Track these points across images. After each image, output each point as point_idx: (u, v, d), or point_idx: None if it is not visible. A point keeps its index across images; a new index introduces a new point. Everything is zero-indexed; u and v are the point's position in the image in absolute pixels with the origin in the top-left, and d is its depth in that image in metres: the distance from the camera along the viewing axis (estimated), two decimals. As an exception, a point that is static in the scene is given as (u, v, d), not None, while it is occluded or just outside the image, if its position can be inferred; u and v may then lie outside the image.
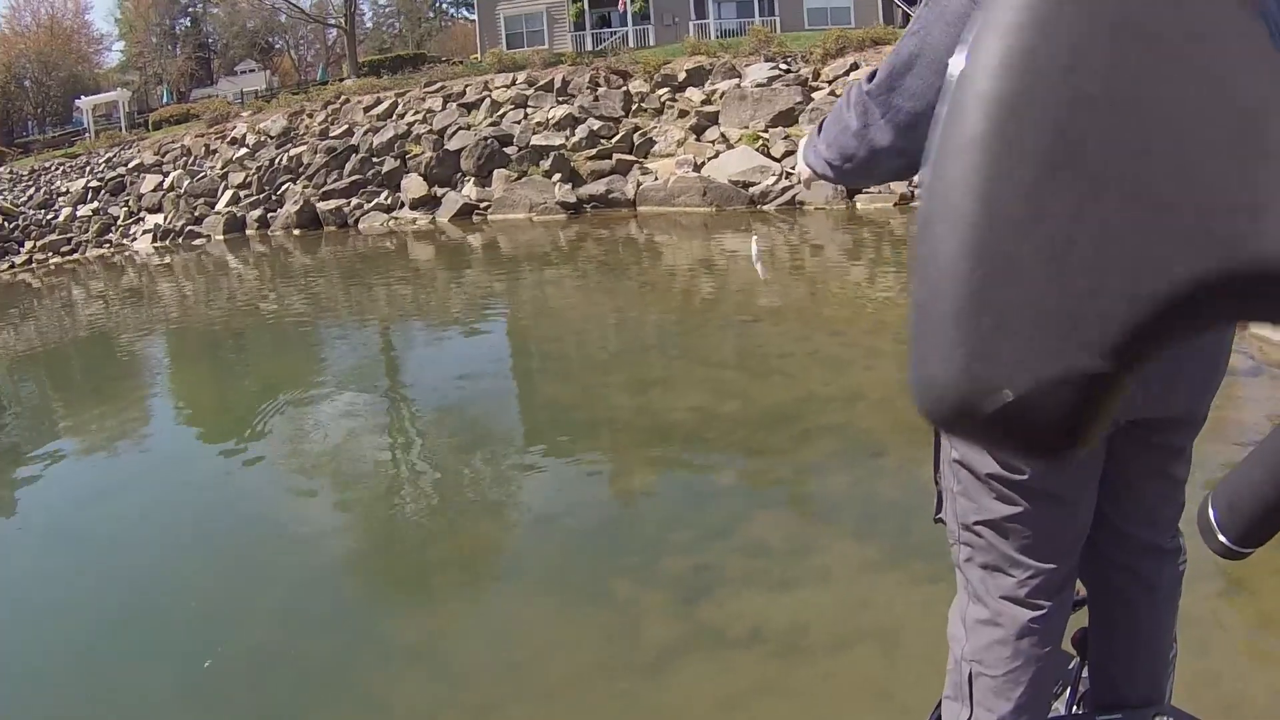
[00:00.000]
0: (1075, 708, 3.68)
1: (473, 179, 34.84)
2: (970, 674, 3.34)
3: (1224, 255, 0.45)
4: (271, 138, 43.38)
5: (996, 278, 0.46)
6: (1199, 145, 0.46)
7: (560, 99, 37.36)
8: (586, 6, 58.47)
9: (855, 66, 33.71)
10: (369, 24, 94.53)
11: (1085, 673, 3.71)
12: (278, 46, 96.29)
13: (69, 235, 42.33)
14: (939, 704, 3.70)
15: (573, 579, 8.25)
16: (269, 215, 38.70)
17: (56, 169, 50.52)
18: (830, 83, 34.43)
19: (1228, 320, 0.49)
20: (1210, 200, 0.45)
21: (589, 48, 53.43)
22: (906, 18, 42.54)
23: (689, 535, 8.63)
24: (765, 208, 28.10)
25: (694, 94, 35.39)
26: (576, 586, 8.08)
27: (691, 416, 11.77)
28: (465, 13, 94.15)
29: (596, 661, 6.98)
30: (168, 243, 39.74)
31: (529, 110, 37.22)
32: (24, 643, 8.41)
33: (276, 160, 41.02)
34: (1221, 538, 1.47)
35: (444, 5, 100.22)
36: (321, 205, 37.00)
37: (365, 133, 39.58)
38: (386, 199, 36.24)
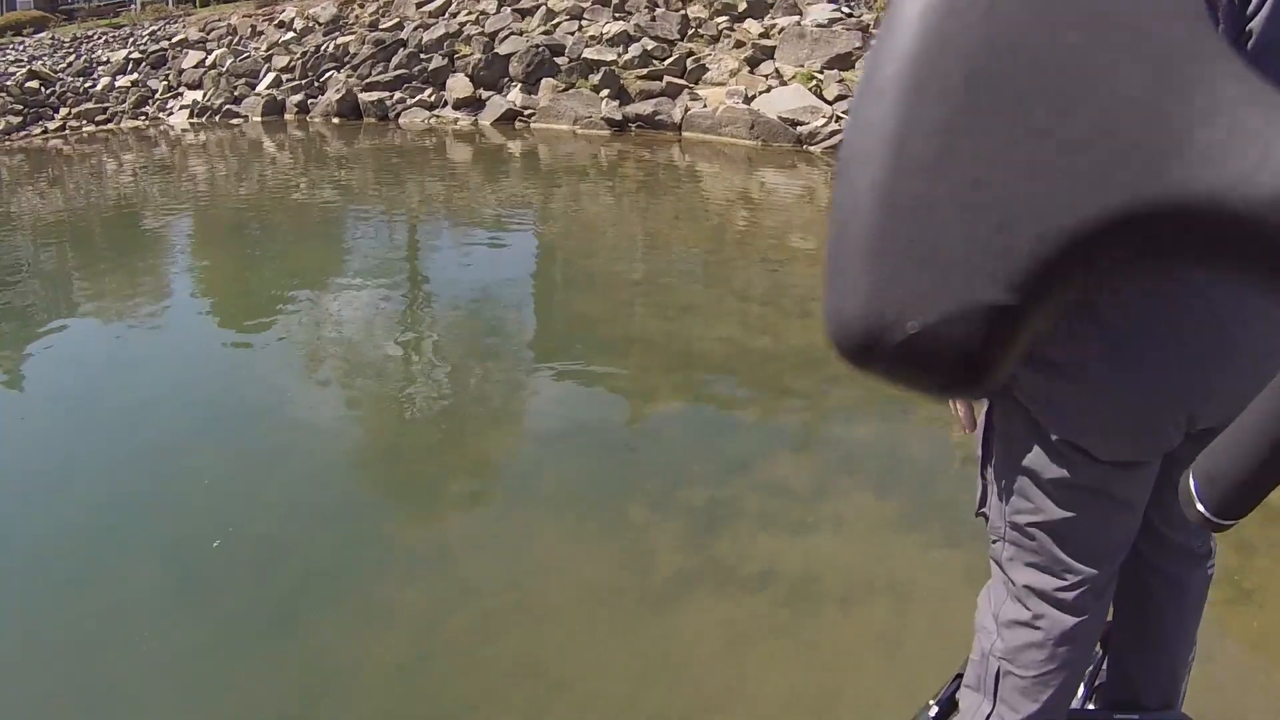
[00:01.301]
0: (1090, 701, 3.68)
1: (520, 85, 34.51)
2: (999, 671, 3.23)
3: (1133, 191, 0.47)
4: (320, 24, 43.12)
5: (905, 214, 0.49)
6: (1114, 87, 0.48)
7: (616, 15, 36.97)
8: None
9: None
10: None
11: (1104, 665, 3.72)
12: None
13: (105, 105, 42.44)
14: (953, 685, 3.58)
15: (587, 499, 8.14)
16: (309, 101, 38.57)
17: (99, 38, 50.38)
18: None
19: (1131, 260, 0.50)
20: (1122, 139, 0.47)
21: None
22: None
23: (709, 467, 8.53)
24: (812, 148, 27.78)
25: (752, 25, 34.99)
26: (590, 507, 7.98)
27: (720, 347, 11.60)
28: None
29: (605, 586, 6.93)
30: (204, 120, 39.79)
31: (583, 23, 36.86)
32: (22, 517, 8.37)
33: (323, 47, 40.72)
34: (1200, 508, 1.32)
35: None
36: (364, 96, 36.72)
37: (415, 28, 39.22)
38: (430, 96, 35.93)
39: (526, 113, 33.52)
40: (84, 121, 41.47)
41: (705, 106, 31.15)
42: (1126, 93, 0.47)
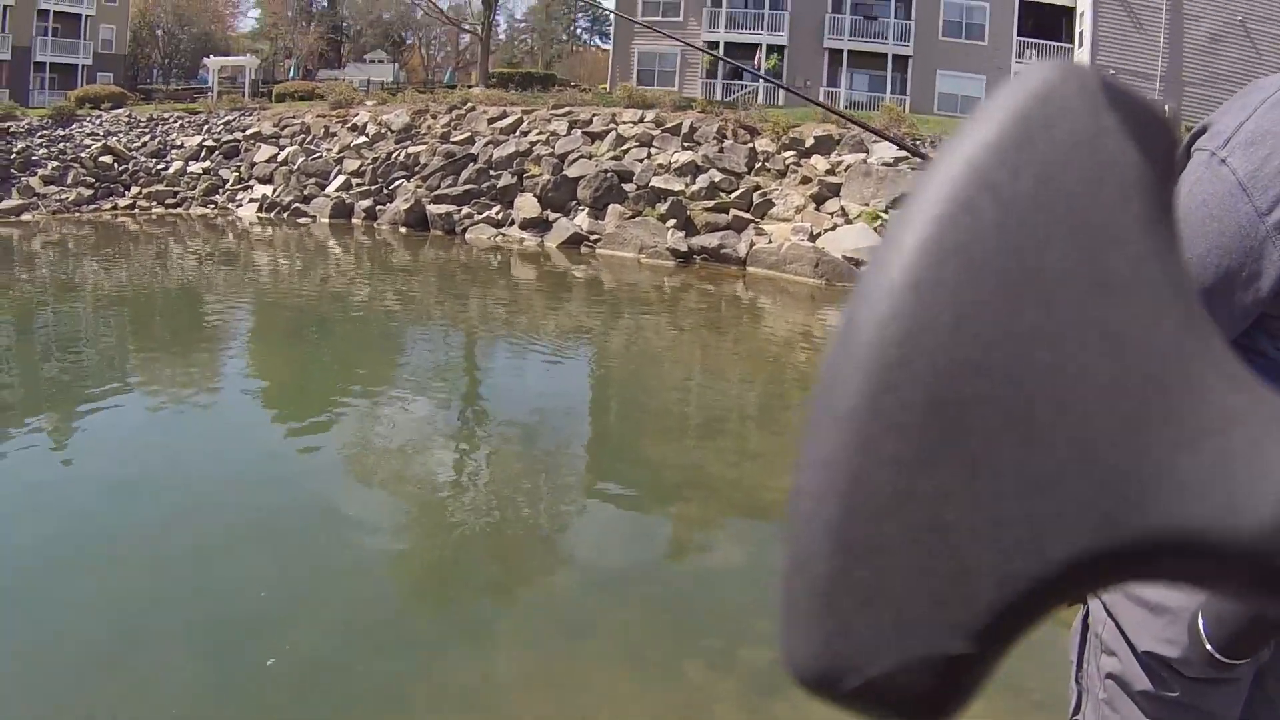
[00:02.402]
0: None
1: (587, 209, 34.80)
2: None
3: (1107, 531, 0.45)
4: (392, 131, 43.55)
5: (859, 558, 0.46)
6: (1090, 414, 0.45)
7: (685, 144, 37.27)
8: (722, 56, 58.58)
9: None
10: (502, 36, 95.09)
11: None
12: (409, 42, 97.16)
13: (176, 189, 43.09)
14: None
15: (645, 650, 8.02)
16: (378, 208, 38.89)
17: (174, 121, 50.84)
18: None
19: (1093, 591, 0.48)
20: (1097, 473, 0.45)
21: (718, 96, 53.32)
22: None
23: (770, 625, 8.32)
24: (876, 290, 27.74)
25: (819, 161, 35.24)
26: (648, 659, 7.86)
27: (785, 498, 11.52)
28: (599, 41, 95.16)
29: (659, 744, 6.83)
30: (272, 215, 40.28)
31: (653, 150, 37.16)
32: (65, 604, 8.31)
33: (394, 155, 41.21)
34: (1209, 648, 1.53)
35: (579, 30, 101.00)
36: (432, 208, 37.07)
37: (486, 143, 39.67)
38: (498, 213, 36.21)
39: (592, 237, 33.76)
40: (154, 202, 42.11)
41: (770, 242, 31.28)
42: (1104, 418, 0.45)
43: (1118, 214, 0.46)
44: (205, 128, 49.49)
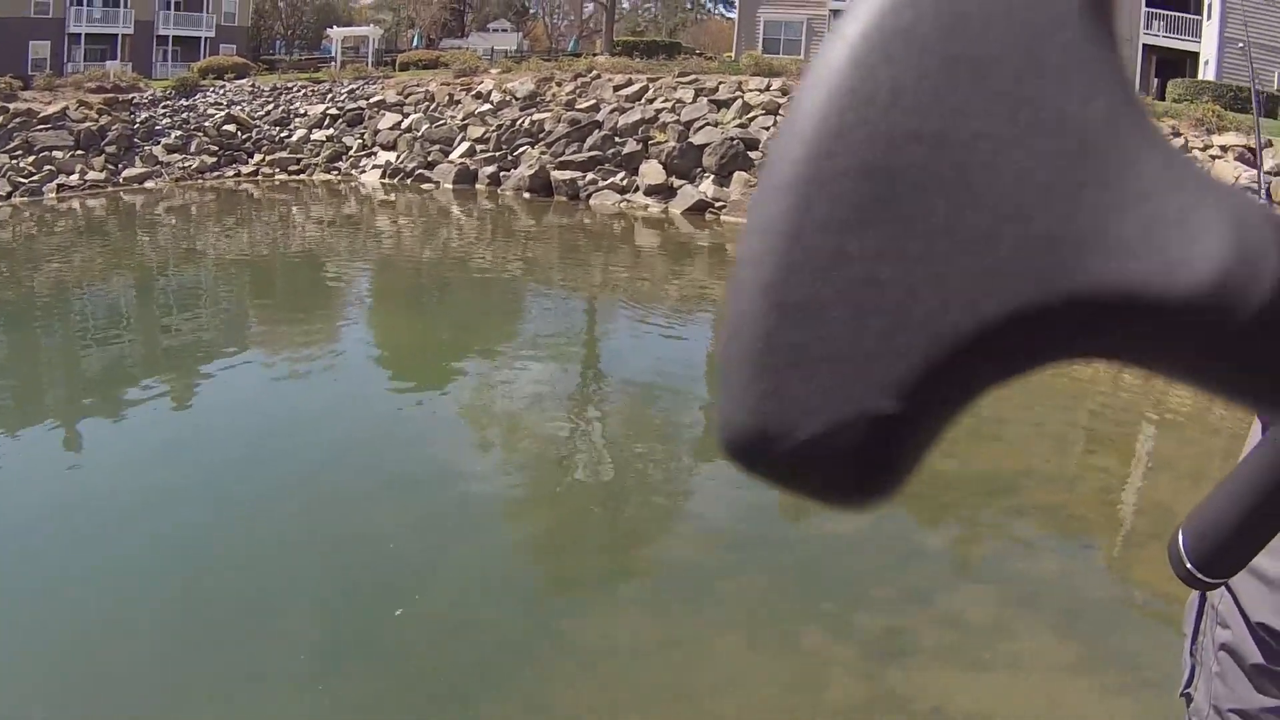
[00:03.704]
0: None
1: (712, 176, 34.79)
2: None
3: (1039, 287, 0.44)
4: (517, 99, 43.59)
5: (792, 317, 0.45)
6: (1023, 176, 0.45)
7: (813, 111, 37.08)
8: (847, 24, 58.36)
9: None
10: (625, 4, 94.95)
11: None
12: (532, 11, 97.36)
13: (299, 156, 43.54)
14: None
15: (762, 616, 7.99)
16: (501, 174, 39.13)
17: (298, 91, 51.23)
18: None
19: (1036, 361, 0.47)
20: (1030, 232, 0.44)
21: (844, 66, 53.10)
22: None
23: (888, 593, 8.36)
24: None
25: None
26: (766, 624, 7.84)
27: (905, 468, 11.40)
28: (723, 9, 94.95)
29: (775, 708, 6.76)
30: (395, 181, 40.61)
31: (779, 118, 36.90)
32: (198, 553, 8.44)
33: (518, 122, 41.30)
34: (1189, 565, 1.51)
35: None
36: (556, 174, 37.29)
37: (611, 111, 39.68)
38: (622, 180, 36.44)
39: (717, 204, 33.71)
40: (277, 169, 42.80)
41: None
42: (1036, 182, 0.44)
43: (1058, 3, 0.47)
44: (329, 96, 49.82)
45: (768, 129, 36.21)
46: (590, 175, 37.13)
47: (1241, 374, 0.46)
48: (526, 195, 37.15)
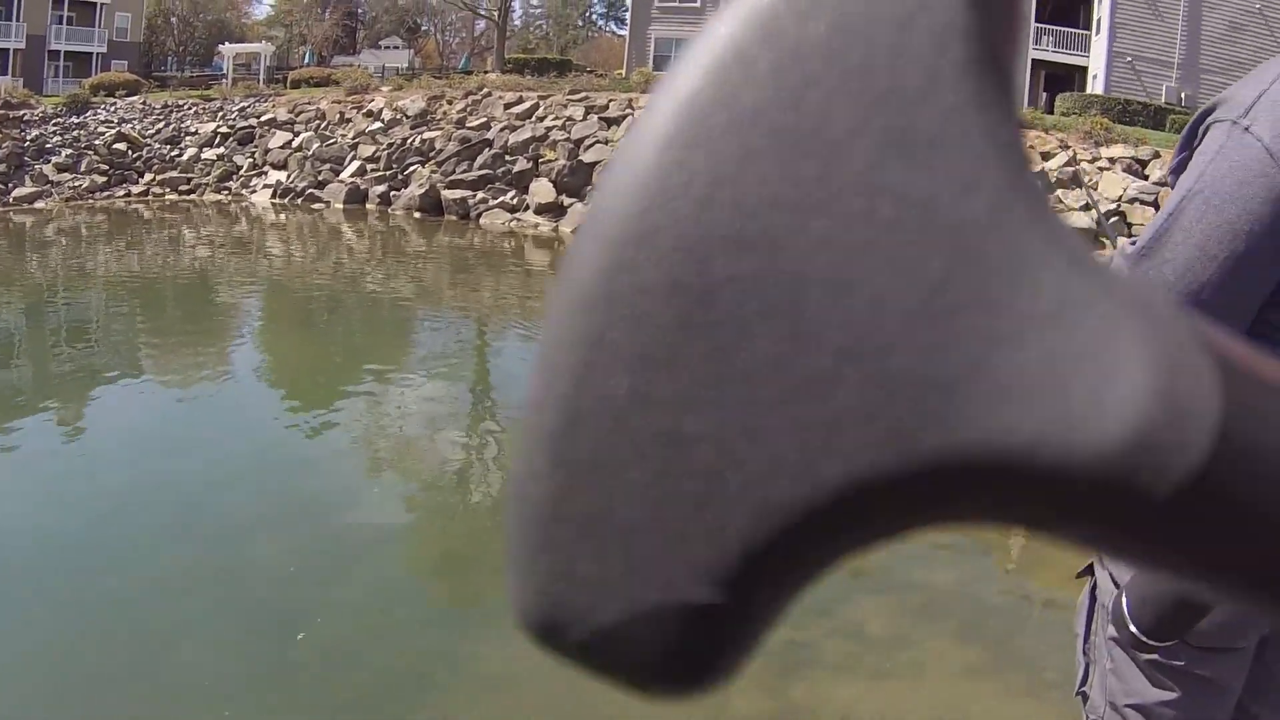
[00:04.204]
0: None
1: (603, 195, 34.60)
2: None
3: (896, 450, 0.35)
4: (408, 117, 43.55)
5: (581, 479, 0.37)
6: (878, 299, 0.35)
7: (703, 130, 37.28)
8: (739, 42, 58.66)
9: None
10: (517, 22, 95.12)
11: None
12: (424, 28, 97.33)
13: (189, 175, 43.24)
14: None
15: (660, 633, 7.98)
16: (392, 193, 39.06)
17: (189, 108, 50.87)
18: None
19: (892, 533, 0.38)
20: (885, 375, 0.35)
21: (734, 82, 53.39)
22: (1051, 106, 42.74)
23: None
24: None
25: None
26: (664, 643, 7.82)
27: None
28: (614, 27, 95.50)
29: (679, 729, 6.76)
30: (286, 201, 40.34)
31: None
32: (87, 589, 8.29)
33: (409, 140, 41.27)
34: (1132, 628, 1.55)
35: (594, 17, 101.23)
36: (447, 193, 37.23)
37: (502, 129, 39.67)
38: (513, 199, 36.41)
39: (608, 223, 33.52)
40: (167, 189, 42.29)
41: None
42: (896, 305, 0.35)
43: (929, 60, 0.36)
44: (220, 114, 49.46)
45: (659, 146, 36.30)
46: (481, 194, 37.11)
47: (1156, 557, 0.38)
48: (417, 215, 37.12)
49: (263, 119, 47.55)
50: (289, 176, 41.88)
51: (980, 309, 0.34)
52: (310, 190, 40.46)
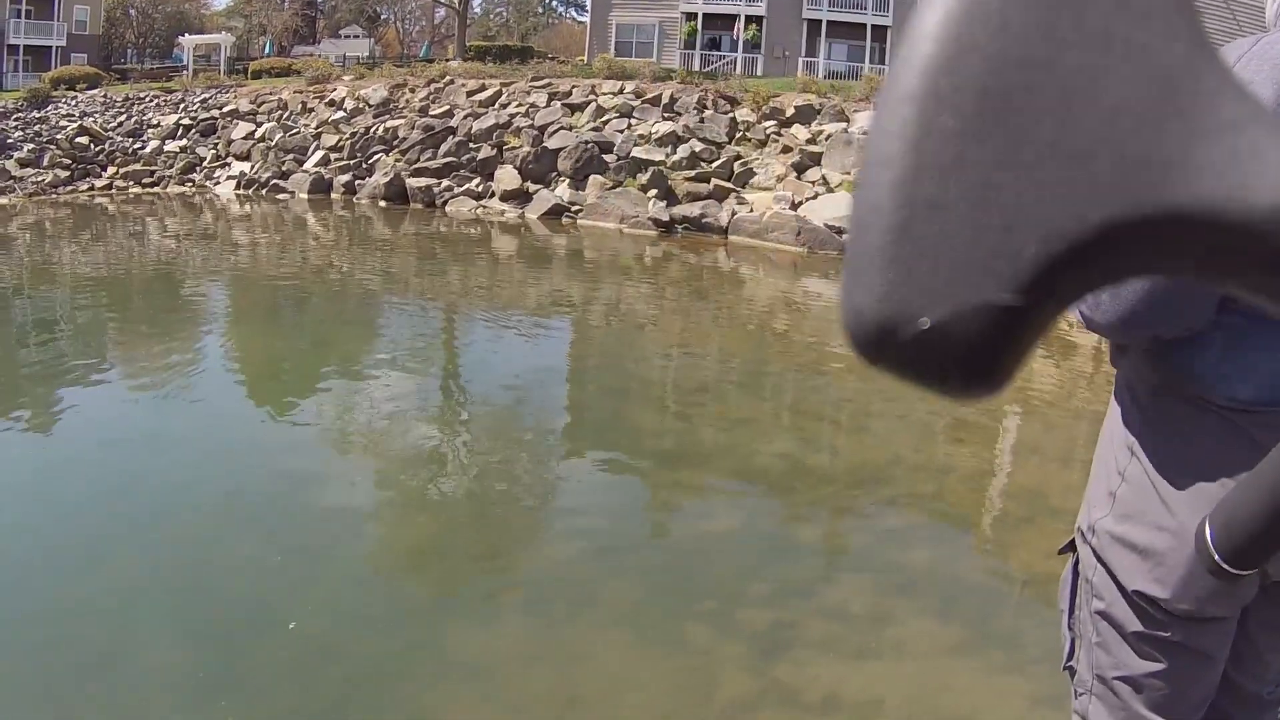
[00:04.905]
0: None
1: (568, 180, 34.81)
2: None
3: (1133, 202, 0.50)
4: (370, 106, 43.50)
5: (920, 215, 0.51)
6: (1116, 102, 0.51)
7: (666, 115, 37.23)
8: (700, 27, 58.60)
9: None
10: (477, 9, 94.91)
11: None
12: (384, 17, 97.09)
13: (153, 168, 43.06)
14: None
15: (646, 617, 7.95)
16: (357, 182, 38.93)
17: (150, 100, 50.77)
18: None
19: (1129, 270, 0.53)
20: (1124, 152, 0.50)
21: (696, 67, 53.43)
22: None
23: (769, 588, 8.40)
24: (857, 257, 27.86)
25: (800, 131, 35.27)
26: (649, 625, 7.80)
27: (778, 463, 11.51)
28: (574, 14, 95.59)
29: (665, 709, 6.76)
30: (250, 192, 40.19)
31: (633, 121, 37.14)
32: (53, 593, 8.17)
33: (372, 129, 41.13)
34: (1215, 556, 1.51)
35: (554, 3, 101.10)
36: (412, 181, 37.03)
37: (465, 116, 39.66)
38: (478, 186, 36.20)
39: (573, 208, 33.78)
40: (131, 182, 42.12)
41: (752, 211, 31.40)
42: (1129, 108, 0.51)
43: None
44: (181, 106, 49.40)
45: (621, 132, 36.40)
46: (446, 182, 36.97)
47: None
48: (382, 204, 37.04)
49: (225, 110, 47.49)
50: (253, 167, 41.71)
51: (1183, 117, 0.50)
52: (275, 181, 40.18)
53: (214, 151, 44.23)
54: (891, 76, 0.54)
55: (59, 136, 44.53)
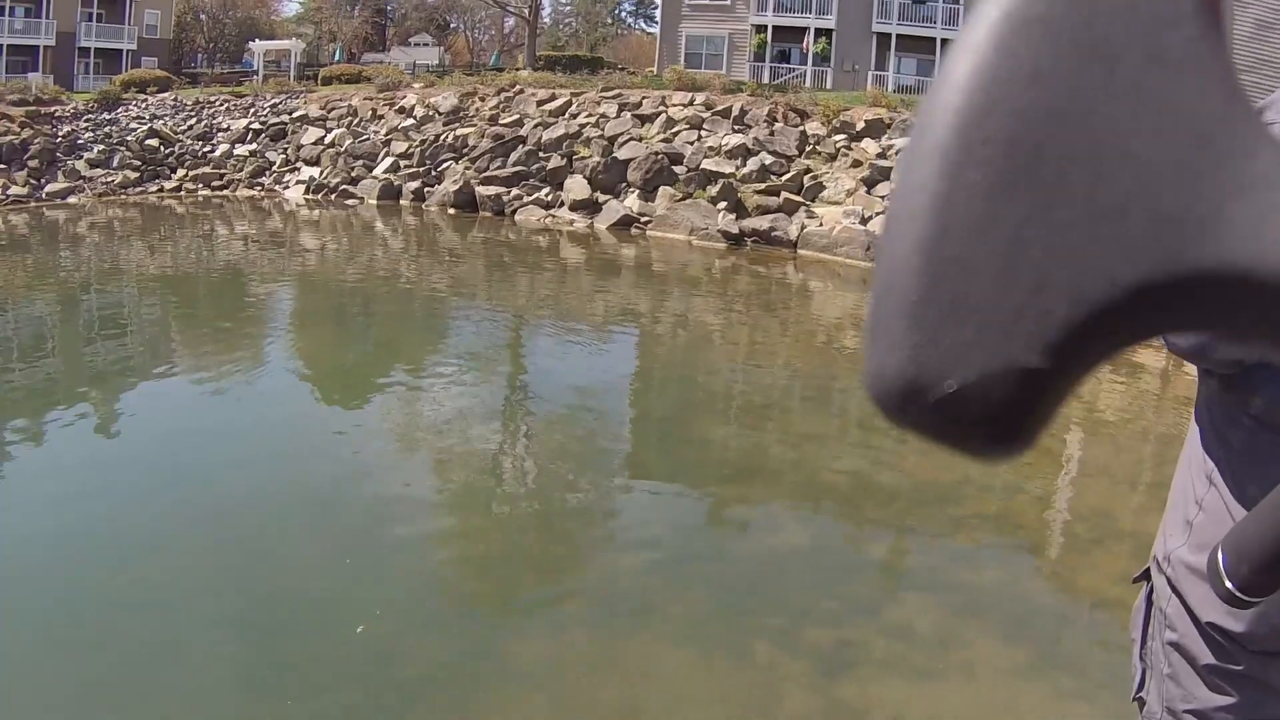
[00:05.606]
0: None
1: (637, 191, 34.84)
2: None
3: (1167, 262, 0.49)
4: (440, 114, 43.55)
5: (946, 274, 0.50)
6: (1150, 161, 0.50)
7: (736, 128, 37.19)
8: (770, 39, 58.47)
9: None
10: (546, 19, 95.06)
11: None
12: (453, 25, 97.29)
13: (222, 171, 43.35)
14: None
15: (709, 631, 7.95)
16: (426, 189, 39.02)
17: (220, 105, 50.98)
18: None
19: (1159, 328, 0.52)
20: (1157, 209, 0.50)
21: (765, 80, 53.27)
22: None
23: (835, 606, 8.38)
24: (926, 274, 27.78)
25: (870, 145, 35.14)
26: (713, 640, 7.78)
27: (846, 480, 11.48)
28: (643, 25, 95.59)
29: (729, 724, 6.72)
30: (319, 197, 40.48)
31: (703, 133, 37.11)
32: (142, 595, 8.21)
33: (442, 137, 41.27)
34: (1228, 584, 1.51)
35: (623, 14, 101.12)
36: (481, 189, 37.14)
37: (535, 126, 39.69)
38: (547, 195, 36.34)
39: (643, 219, 33.77)
40: (200, 185, 42.49)
41: (821, 225, 31.27)
42: (1162, 164, 0.50)
43: (1172, 9, 0.52)
44: (251, 111, 49.58)
45: (692, 143, 36.40)
46: (515, 190, 36.99)
47: None
48: (451, 211, 37.07)
49: (294, 115, 47.65)
50: (322, 172, 41.93)
51: (1216, 174, 0.49)
52: (344, 186, 40.41)
53: (283, 156, 44.46)
54: (918, 128, 0.53)
55: (129, 138, 44.81)
